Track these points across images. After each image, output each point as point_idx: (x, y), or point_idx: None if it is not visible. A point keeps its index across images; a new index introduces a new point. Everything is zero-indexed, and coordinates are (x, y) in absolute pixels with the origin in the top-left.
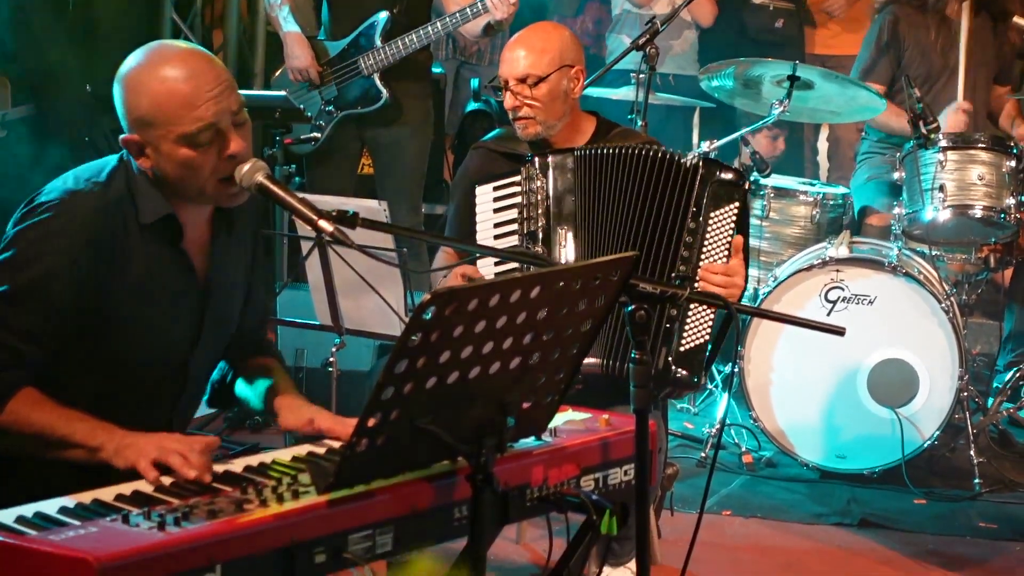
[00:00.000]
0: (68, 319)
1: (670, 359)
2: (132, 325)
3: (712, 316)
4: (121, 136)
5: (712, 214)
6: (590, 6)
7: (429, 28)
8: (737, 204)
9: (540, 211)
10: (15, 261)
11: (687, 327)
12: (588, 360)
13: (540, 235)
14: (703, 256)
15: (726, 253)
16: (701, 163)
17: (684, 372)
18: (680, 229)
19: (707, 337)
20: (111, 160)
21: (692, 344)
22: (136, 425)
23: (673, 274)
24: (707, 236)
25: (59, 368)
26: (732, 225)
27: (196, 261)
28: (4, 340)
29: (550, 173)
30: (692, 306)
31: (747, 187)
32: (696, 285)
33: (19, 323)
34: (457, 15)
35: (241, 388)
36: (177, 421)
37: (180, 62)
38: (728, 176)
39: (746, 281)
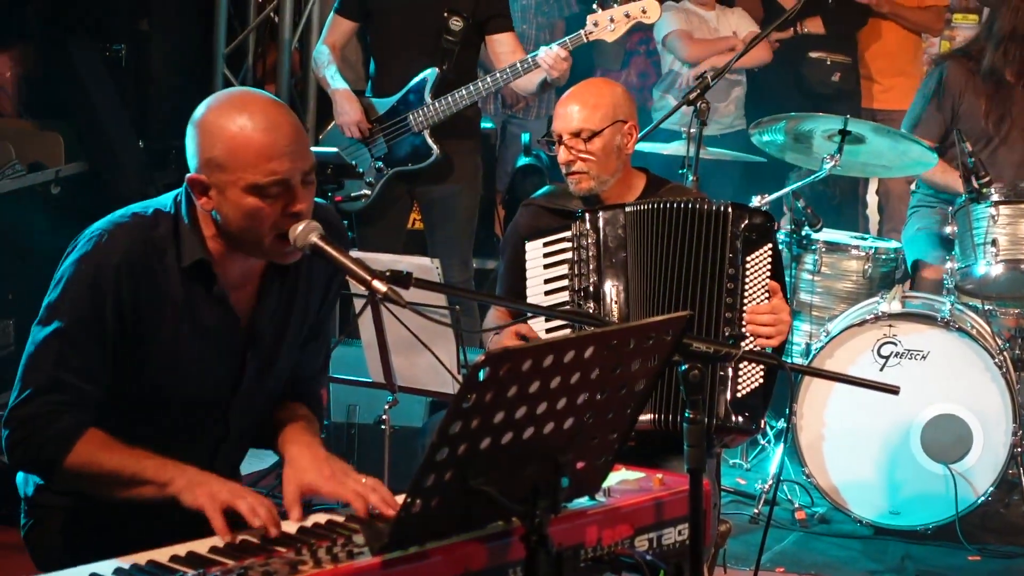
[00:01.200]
0: (116, 352)
1: (728, 406)
2: (172, 360)
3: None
4: (187, 175)
5: (748, 259)
6: (635, 60)
7: (480, 83)
8: (770, 245)
9: (592, 267)
10: (65, 297)
11: (741, 372)
12: (640, 417)
13: (592, 291)
14: (745, 301)
15: (766, 296)
16: (729, 208)
17: (742, 418)
18: (721, 277)
19: (762, 380)
20: (163, 199)
21: (748, 389)
22: None
23: (724, 327)
24: (746, 281)
25: (102, 406)
26: (768, 267)
27: (240, 306)
28: (66, 379)
29: (601, 228)
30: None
31: (775, 227)
32: (744, 329)
33: (77, 360)
34: (508, 71)
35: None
36: (218, 468)
37: (262, 112)
38: (757, 220)
39: (792, 318)
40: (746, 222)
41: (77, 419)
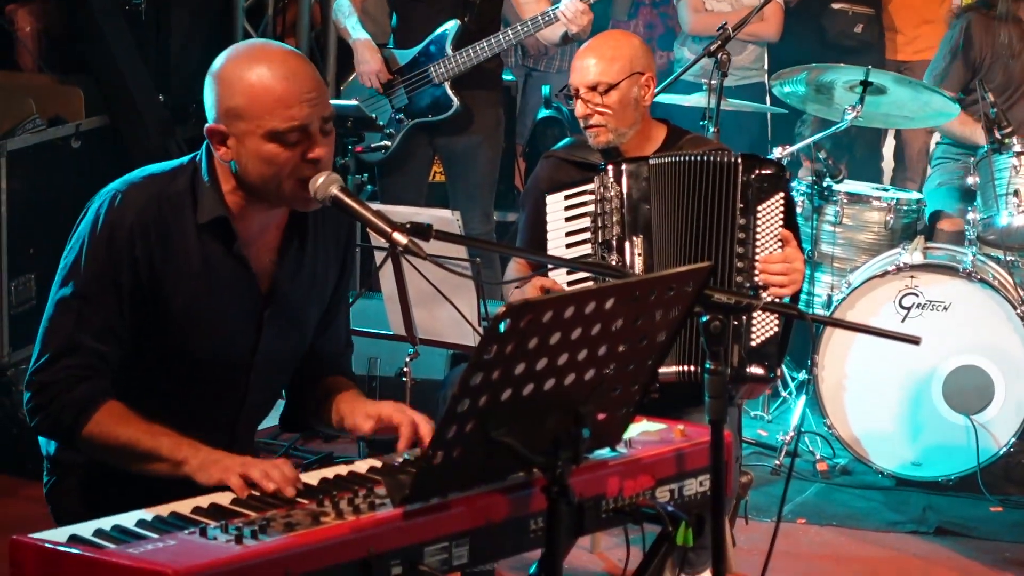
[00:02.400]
0: (134, 307)
1: (744, 355)
2: (190, 318)
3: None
4: (206, 125)
5: (759, 208)
6: (643, 10)
7: (501, 36)
8: (782, 195)
9: (615, 219)
10: (80, 258)
11: (755, 321)
12: (664, 368)
13: (614, 243)
14: (757, 251)
15: (779, 245)
16: (740, 159)
17: (759, 368)
18: (732, 228)
19: (776, 329)
20: (181, 159)
21: (763, 337)
22: (197, 431)
23: (736, 277)
24: (758, 231)
25: (122, 367)
26: (780, 217)
27: (258, 265)
28: (85, 342)
29: (624, 181)
30: None
31: (788, 176)
32: (756, 279)
33: (96, 321)
34: (529, 23)
35: (309, 409)
36: (240, 430)
37: (280, 61)
38: (768, 169)
39: (807, 266)
40: (756, 172)
41: (95, 387)
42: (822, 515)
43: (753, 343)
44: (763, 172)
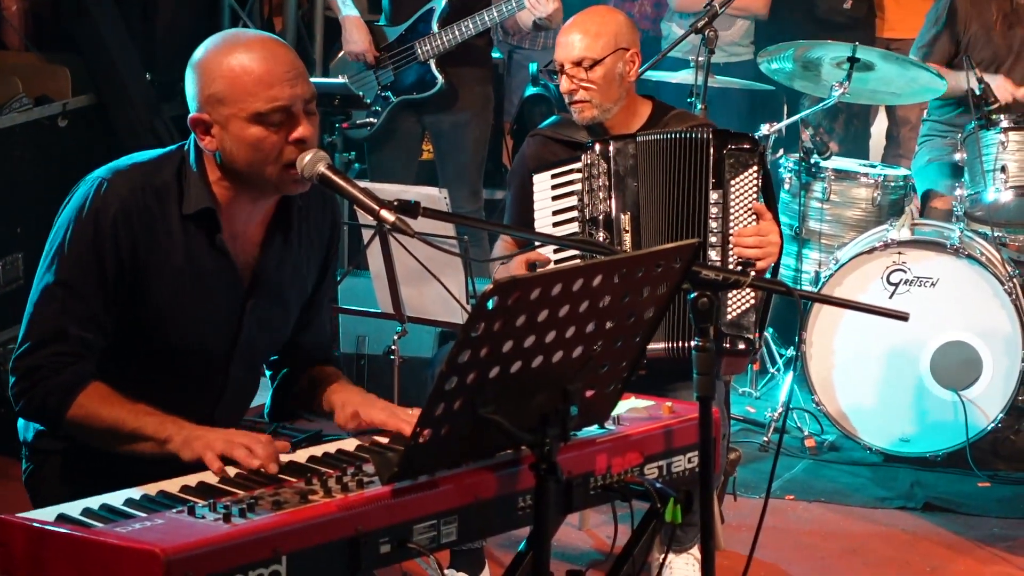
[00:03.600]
0: (117, 296)
1: (722, 329)
2: (172, 308)
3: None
4: (189, 115)
5: (732, 183)
6: None
7: (485, 14)
8: (755, 168)
9: (603, 196)
10: (64, 246)
11: (731, 294)
12: (653, 345)
13: (602, 220)
14: (731, 225)
15: (753, 219)
16: (711, 134)
17: (737, 342)
18: (705, 203)
19: (752, 301)
20: (168, 148)
21: (740, 309)
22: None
23: (710, 251)
24: (731, 206)
25: (104, 357)
26: (755, 191)
27: (241, 258)
28: (69, 329)
29: (612, 158)
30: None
31: (762, 150)
32: (731, 254)
33: (80, 309)
34: (512, 2)
35: (296, 395)
36: (219, 422)
37: (258, 45)
38: (741, 144)
39: (782, 240)
40: (729, 147)
41: (80, 371)
42: (810, 491)
43: (730, 316)
44: (735, 147)
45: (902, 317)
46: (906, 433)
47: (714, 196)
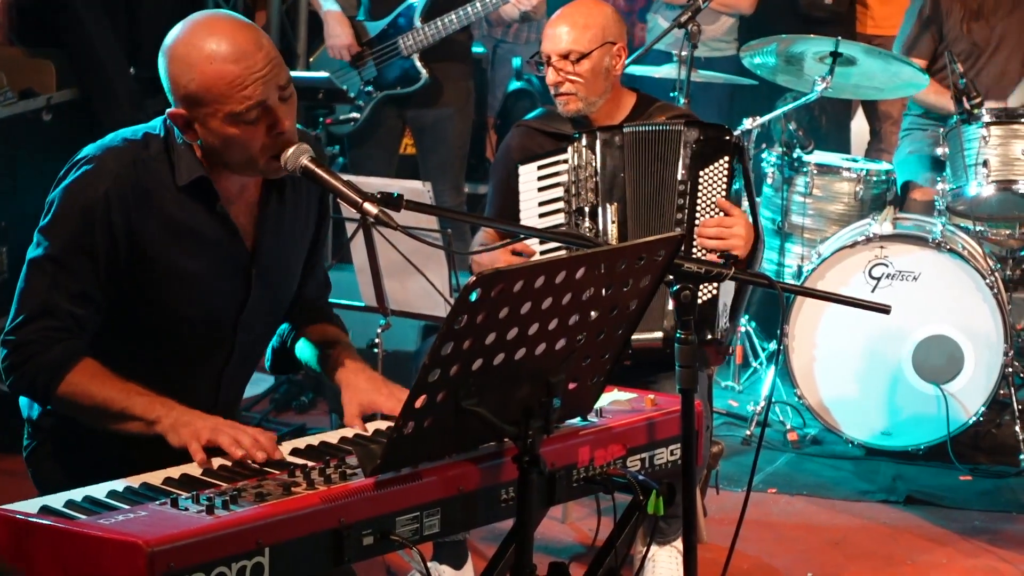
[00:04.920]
0: (114, 272)
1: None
2: (175, 279)
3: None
4: (168, 110)
5: (701, 173)
6: None
7: (469, 8)
8: (726, 159)
9: (589, 187)
10: (54, 223)
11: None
12: (650, 335)
13: (588, 211)
14: (698, 215)
15: (718, 211)
16: (682, 125)
17: (703, 332)
18: (672, 193)
19: (714, 292)
20: (153, 123)
21: (699, 301)
22: (182, 393)
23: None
24: (699, 195)
25: (107, 331)
26: (724, 181)
27: (242, 223)
28: (60, 305)
29: (599, 149)
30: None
31: (735, 140)
32: (693, 244)
33: (71, 285)
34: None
35: (302, 350)
36: (225, 392)
37: (228, 38)
38: (711, 133)
39: (758, 233)
40: (699, 138)
41: (70, 348)
42: (792, 484)
43: None
44: (705, 137)
45: (884, 310)
46: (888, 427)
47: (680, 188)
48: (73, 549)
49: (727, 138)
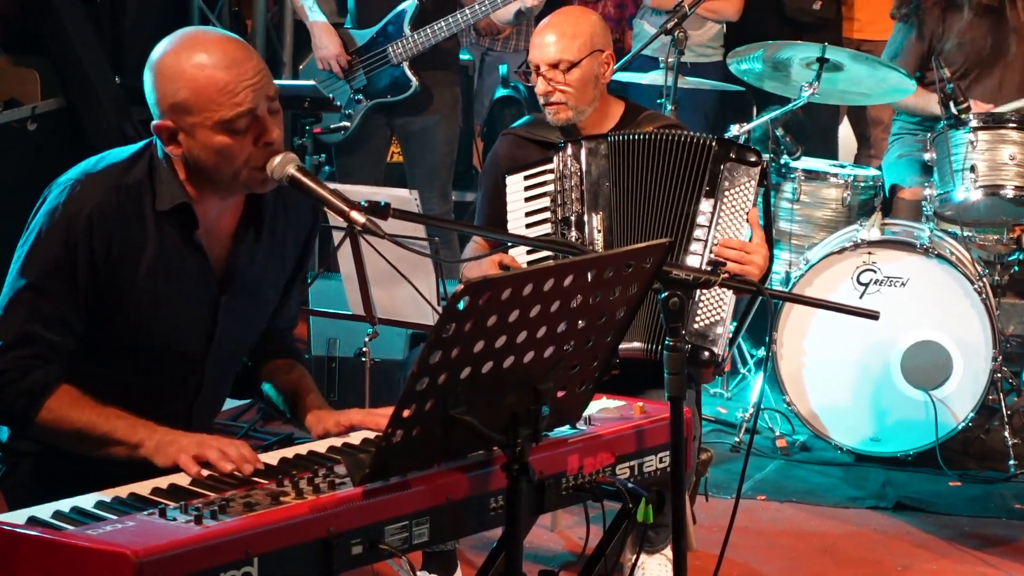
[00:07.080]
0: (91, 297)
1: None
2: (145, 310)
3: (730, 293)
4: (152, 123)
5: (727, 194)
6: None
7: (459, 15)
8: (753, 182)
9: (575, 196)
10: (35, 248)
11: (704, 303)
12: (631, 345)
13: (574, 220)
14: (717, 235)
15: (741, 233)
16: (714, 142)
17: (701, 351)
18: (694, 209)
19: (723, 315)
20: (135, 145)
21: (707, 321)
22: (153, 421)
23: (687, 257)
24: (723, 215)
25: (79, 359)
26: (749, 203)
27: (215, 254)
28: (37, 333)
29: (584, 158)
30: None
31: (764, 166)
32: (710, 254)
33: (49, 312)
34: (487, 3)
35: (267, 388)
36: (195, 419)
37: (218, 48)
38: (742, 154)
39: (771, 262)
40: (732, 157)
41: (48, 374)
42: (782, 491)
43: (696, 325)
44: (737, 157)
45: (872, 316)
46: (877, 433)
47: (705, 204)
48: (61, 560)
49: (757, 162)
